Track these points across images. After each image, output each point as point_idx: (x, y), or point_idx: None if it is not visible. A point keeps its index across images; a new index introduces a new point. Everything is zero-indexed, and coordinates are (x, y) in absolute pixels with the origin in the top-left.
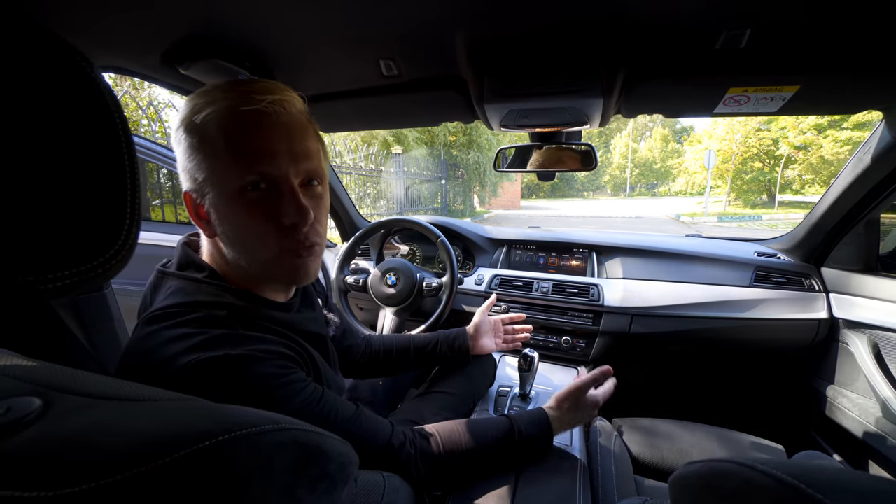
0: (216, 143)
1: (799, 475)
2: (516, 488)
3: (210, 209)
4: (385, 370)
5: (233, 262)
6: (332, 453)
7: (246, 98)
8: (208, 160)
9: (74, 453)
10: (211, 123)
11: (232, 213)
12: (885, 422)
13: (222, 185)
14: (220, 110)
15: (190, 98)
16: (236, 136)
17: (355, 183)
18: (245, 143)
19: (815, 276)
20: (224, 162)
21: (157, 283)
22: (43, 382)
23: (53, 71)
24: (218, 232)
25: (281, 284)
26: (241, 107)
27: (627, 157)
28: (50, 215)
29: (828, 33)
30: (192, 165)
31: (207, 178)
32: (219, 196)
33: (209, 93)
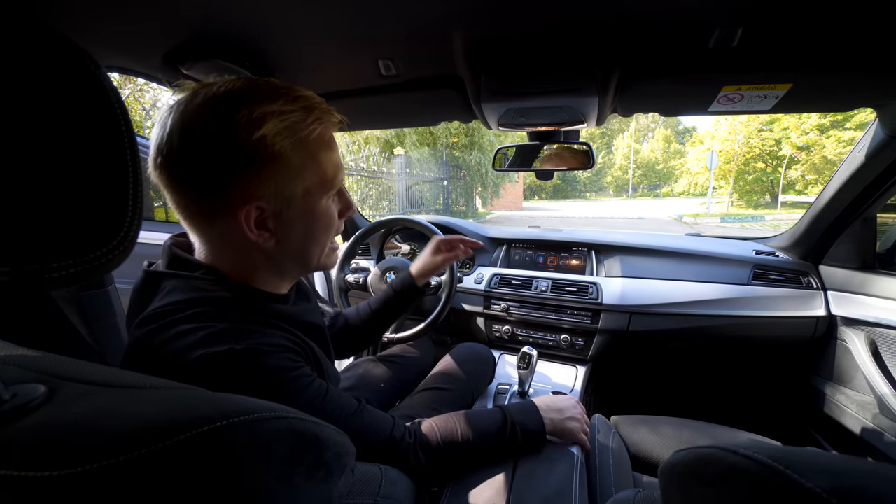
0: (296, 162)
1: (778, 458)
2: (513, 480)
3: (277, 221)
4: (357, 344)
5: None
6: (328, 442)
7: (311, 113)
8: (285, 177)
9: (79, 436)
10: (286, 142)
11: (313, 220)
12: (882, 418)
13: (309, 198)
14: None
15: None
16: (322, 154)
17: (357, 184)
18: (329, 160)
19: (813, 274)
20: (310, 178)
21: (146, 285)
22: (47, 371)
23: (62, 71)
24: (280, 240)
25: (317, 271)
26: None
27: (630, 158)
28: (55, 206)
29: (819, 32)
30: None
31: (286, 194)
32: (300, 207)
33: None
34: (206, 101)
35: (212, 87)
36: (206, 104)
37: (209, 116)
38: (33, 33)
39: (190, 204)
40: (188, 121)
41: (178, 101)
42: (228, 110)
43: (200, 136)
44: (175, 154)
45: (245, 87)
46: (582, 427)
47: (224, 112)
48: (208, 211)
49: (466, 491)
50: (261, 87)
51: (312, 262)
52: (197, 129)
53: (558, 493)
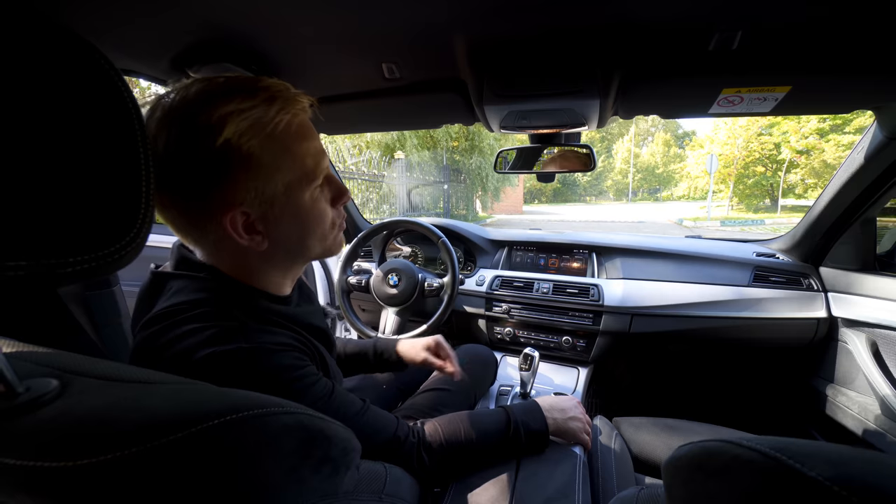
0: (268, 159)
1: (781, 448)
2: (516, 481)
3: (264, 222)
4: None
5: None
6: (335, 438)
7: (274, 104)
8: (261, 177)
9: (92, 428)
10: (253, 142)
11: (301, 215)
12: (885, 419)
13: (292, 193)
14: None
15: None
16: (296, 145)
17: (358, 188)
18: (306, 150)
19: (813, 276)
20: (289, 173)
21: (154, 286)
22: (59, 366)
23: (80, 73)
24: (270, 239)
25: (322, 258)
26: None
27: (630, 162)
28: (71, 203)
29: (817, 35)
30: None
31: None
32: (284, 203)
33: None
34: (164, 115)
35: (167, 96)
36: (165, 117)
37: (171, 129)
38: (54, 37)
39: (177, 218)
40: (157, 132)
41: (150, 108)
42: (186, 119)
43: (166, 153)
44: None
45: (200, 91)
46: (584, 427)
47: (182, 122)
48: (196, 222)
49: (469, 491)
50: (215, 88)
51: (312, 252)
52: (160, 145)
53: (561, 494)
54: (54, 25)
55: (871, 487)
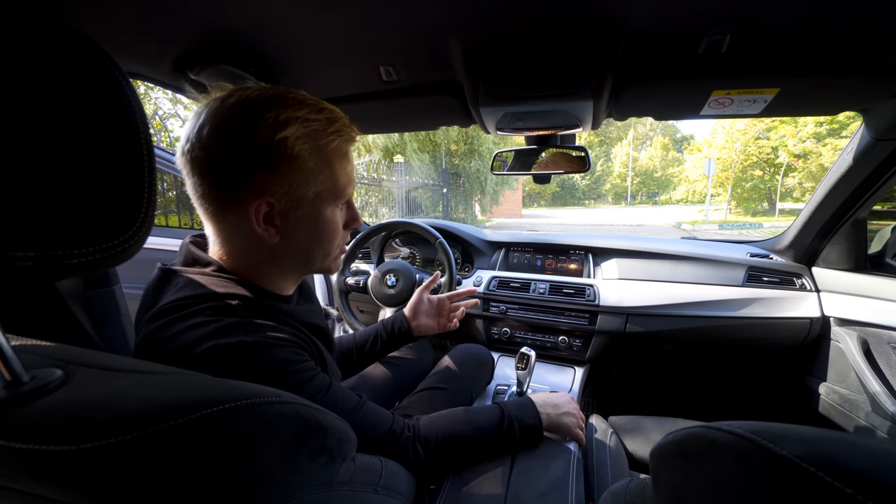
0: (311, 166)
1: (757, 431)
2: (510, 476)
3: (283, 219)
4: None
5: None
6: (331, 429)
7: (333, 125)
8: (298, 179)
9: (94, 414)
10: (300, 145)
11: (318, 225)
12: (875, 416)
13: (318, 202)
14: (312, 133)
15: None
16: (337, 163)
17: (357, 191)
18: (342, 171)
19: (806, 276)
20: (322, 184)
21: (161, 282)
22: (63, 358)
23: (87, 72)
24: (284, 236)
25: (320, 273)
26: (335, 135)
27: (628, 166)
28: (76, 197)
29: (804, 38)
30: (276, 178)
31: (297, 194)
32: (308, 209)
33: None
34: (239, 101)
35: (246, 90)
36: (239, 103)
37: (239, 114)
38: (63, 39)
39: (209, 190)
40: (220, 116)
41: (214, 98)
42: (257, 111)
43: (228, 131)
44: (203, 143)
45: (276, 94)
46: (577, 423)
47: (253, 112)
48: (223, 199)
49: (464, 485)
50: (290, 96)
51: (314, 264)
52: (226, 123)
53: (555, 489)
54: (64, 28)
55: (838, 464)
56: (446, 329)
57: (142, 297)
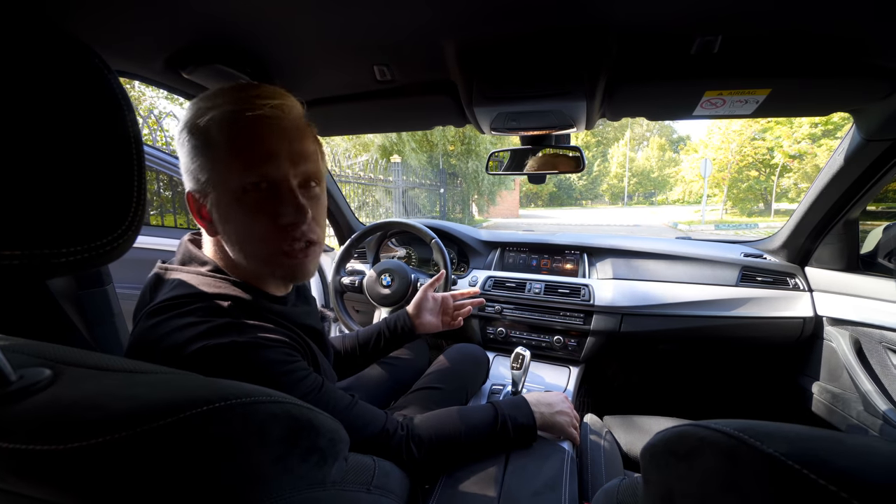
0: (219, 146)
1: (744, 429)
2: (504, 475)
3: (212, 209)
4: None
5: (235, 259)
6: (322, 428)
7: (248, 102)
8: (211, 162)
9: (83, 413)
10: (214, 126)
11: (233, 213)
12: (867, 415)
13: (224, 185)
14: (224, 114)
15: (194, 101)
16: (238, 139)
17: (354, 192)
18: (247, 145)
19: (799, 276)
20: (226, 164)
21: (157, 280)
22: (52, 357)
23: (75, 70)
24: (219, 231)
25: (279, 281)
26: (244, 111)
27: (625, 167)
28: (64, 195)
29: (795, 40)
30: (195, 167)
31: (210, 179)
32: (220, 196)
33: (213, 97)
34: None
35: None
36: (194, 101)
37: (188, 110)
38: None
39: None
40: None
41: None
42: (195, 103)
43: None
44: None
45: (220, 88)
46: (571, 421)
47: (193, 105)
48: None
49: (458, 485)
50: (229, 87)
51: (256, 263)
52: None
53: (548, 487)
54: (50, 26)
55: (823, 462)
56: (450, 327)
57: (140, 294)
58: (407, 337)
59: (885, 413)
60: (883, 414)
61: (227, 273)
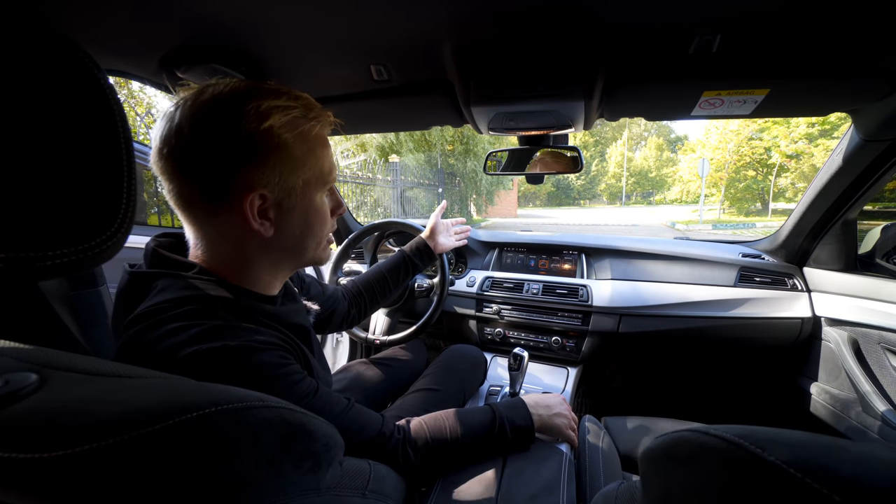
0: (291, 151)
1: (744, 435)
2: (502, 477)
3: (272, 209)
4: (373, 303)
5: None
6: (316, 433)
7: (310, 110)
8: (281, 166)
9: (69, 419)
10: (285, 133)
11: (310, 213)
12: (866, 416)
13: (303, 189)
14: (292, 121)
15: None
16: (319, 149)
17: (353, 192)
18: (326, 157)
19: (797, 276)
20: (304, 169)
21: (132, 286)
22: (39, 361)
23: (62, 68)
24: (279, 229)
25: (312, 264)
26: (310, 119)
27: (623, 167)
28: (50, 197)
29: (794, 40)
30: (255, 170)
31: (279, 183)
32: (299, 198)
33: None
34: (216, 97)
35: (217, 86)
36: (216, 98)
37: (220, 109)
38: (37, 34)
39: (194, 194)
40: (199, 113)
41: (185, 98)
42: (238, 103)
43: (211, 126)
44: (184, 144)
45: (250, 86)
46: (569, 423)
47: (234, 105)
48: (212, 200)
49: (455, 488)
50: (264, 87)
51: (307, 254)
52: (208, 119)
53: (546, 491)
54: (38, 23)
55: (825, 470)
56: (458, 245)
57: (114, 301)
58: (429, 258)
59: (883, 414)
60: (881, 415)
61: (215, 274)
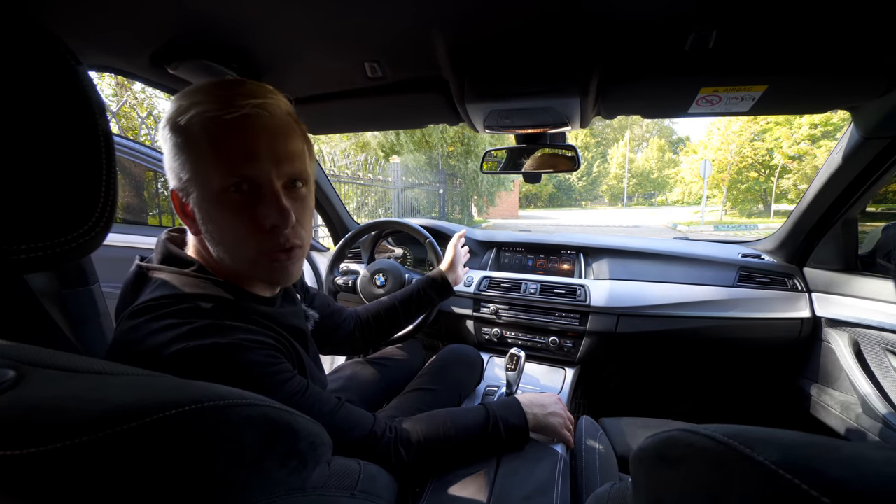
0: (200, 145)
1: (734, 435)
2: (496, 478)
3: (195, 208)
4: (381, 335)
5: (217, 258)
6: (302, 432)
7: (230, 101)
8: (192, 160)
9: (43, 417)
10: (196, 125)
11: (215, 213)
12: (866, 418)
13: (206, 185)
14: (204, 112)
15: (176, 98)
16: (219, 139)
17: (353, 192)
18: (227, 145)
19: (797, 276)
20: (207, 163)
21: (138, 279)
22: (18, 358)
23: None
24: (202, 230)
25: (263, 283)
26: (225, 110)
27: (625, 167)
28: (22, 189)
29: (792, 35)
30: (177, 165)
31: (192, 178)
32: (202, 196)
33: (194, 93)
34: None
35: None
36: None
37: (169, 107)
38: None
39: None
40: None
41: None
42: (175, 101)
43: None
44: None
45: (200, 85)
46: (564, 423)
47: (173, 103)
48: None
49: (447, 488)
50: (211, 84)
51: (243, 265)
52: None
53: (540, 492)
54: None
55: (815, 471)
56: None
57: (120, 293)
58: (446, 293)
59: (884, 416)
60: (882, 417)
61: (212, 273)
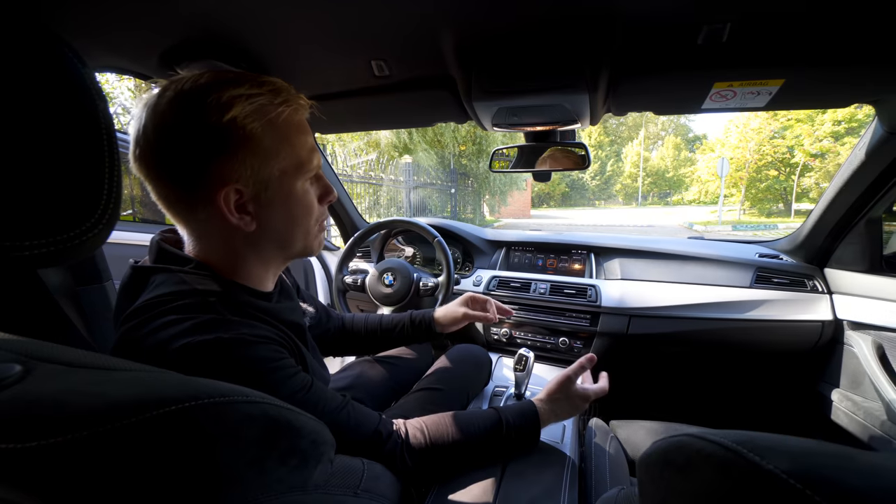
0: (261, 141)
1: (743, 442)
2: (501, 481)
3: (251, 203)
4: (353, 348)
5: (277, 244)
6: (303, 430)
7: (278, 96)
8: (252, 157)
9: (45, 410)
10: (251, 121)
11: (291, 203)
12: (891, 424)
13: (285, 179)
14: (259, 108)
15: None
16: (293, 136)
17: (365, 191)
18: (301, 143)
19: (818, 277)
20: (278, 158)
21: (133, 281)
22: (25, 352)
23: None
24: (260, 222)
25: (303, 256)
26: (282, 104)
27: (639, 166)
28: (26, 186)
29: (811, 25)
30: (236, 163)
31: (252, 175)
32: (277, 188)
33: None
34: (177, 94)
35: (181, 81)
36: (177, 96)
37: (181, 105)
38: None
39: (171, 193)
40: (160, 113)
41: (150, 97)
42: (199, 98)
43: (173, 126)
44: (151, 146)
45: (211, 77)
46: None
47: (195, 99)
48: (189, 198)
49: (454, 490)
50: (226, 76)
51: (296, 245)
52: (169, 119)
53: (547, 495)
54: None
55: (828, 481)
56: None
57: (117, 296)
58: (426, 335)
59: None
60: None
61: (211, 269)
